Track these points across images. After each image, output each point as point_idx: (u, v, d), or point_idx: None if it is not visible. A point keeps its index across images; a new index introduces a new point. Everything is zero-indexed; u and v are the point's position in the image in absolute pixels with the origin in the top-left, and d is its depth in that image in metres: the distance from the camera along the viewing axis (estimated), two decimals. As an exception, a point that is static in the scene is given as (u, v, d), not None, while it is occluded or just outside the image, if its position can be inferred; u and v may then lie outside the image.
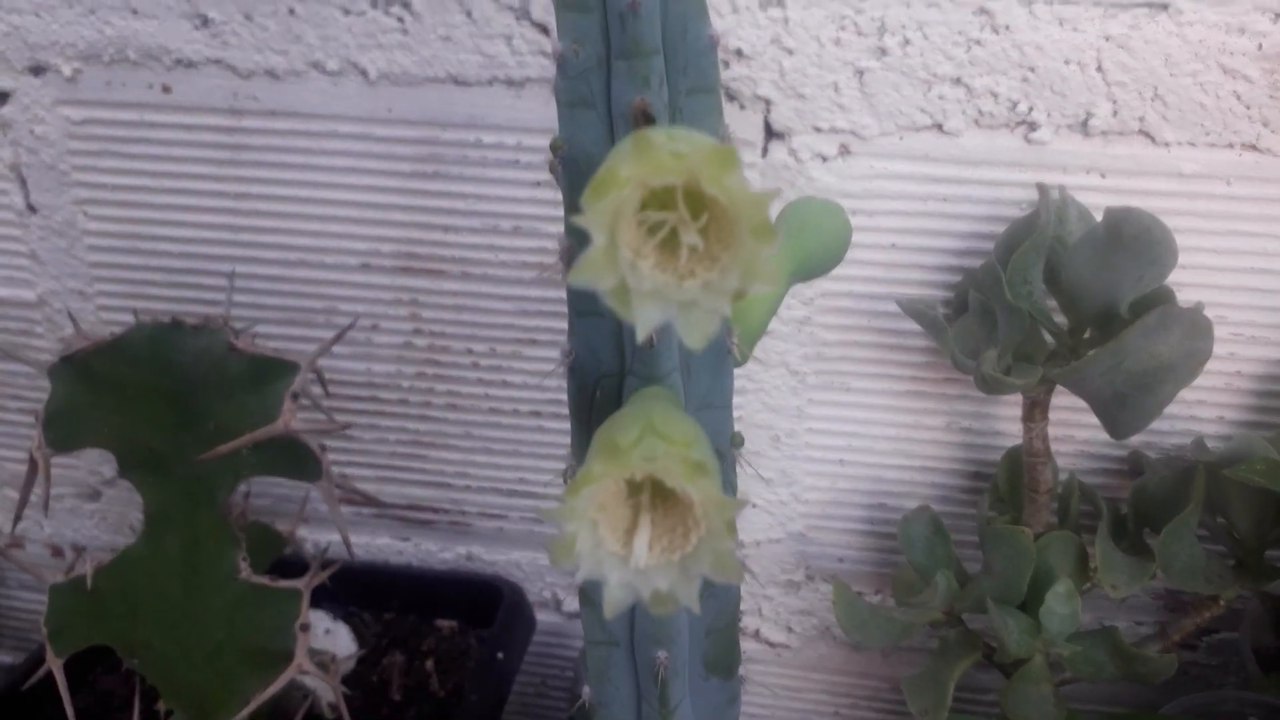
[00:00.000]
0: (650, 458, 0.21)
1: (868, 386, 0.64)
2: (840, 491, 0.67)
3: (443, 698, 0.68)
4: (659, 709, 0.36)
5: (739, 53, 0.56)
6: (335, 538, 0.71)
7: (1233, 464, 0.49)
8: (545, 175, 0.61)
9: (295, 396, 0.49)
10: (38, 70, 0.64)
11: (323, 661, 0.54)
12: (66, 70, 0.64)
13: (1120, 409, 0.48)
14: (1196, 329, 0.45)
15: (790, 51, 0.55)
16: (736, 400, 0.65)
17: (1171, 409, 0.59)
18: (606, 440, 0.22)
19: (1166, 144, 0.54)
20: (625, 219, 0.19)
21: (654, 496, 0.22)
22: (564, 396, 0.67)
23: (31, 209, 0.69)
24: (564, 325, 0.65)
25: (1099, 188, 0.55)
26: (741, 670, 0.38)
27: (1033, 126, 0.55)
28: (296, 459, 0.51)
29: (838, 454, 0.66)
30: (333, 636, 0.70)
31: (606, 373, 0.31)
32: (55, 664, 0.54)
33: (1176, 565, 0.52)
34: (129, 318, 0.70)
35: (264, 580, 0.53)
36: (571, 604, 0.75)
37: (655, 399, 0.26)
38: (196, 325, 0.52)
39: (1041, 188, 0.51)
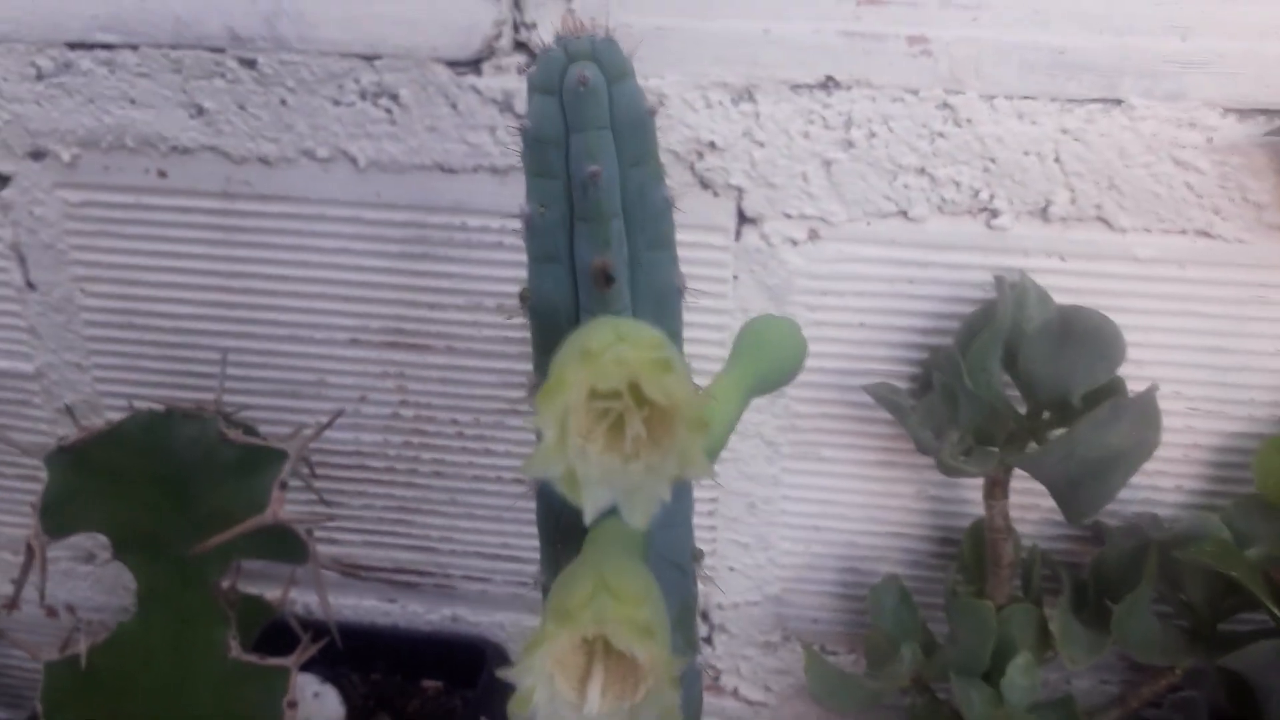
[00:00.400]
0: (600, 620, 0.23)
1: (840, 456, 0.66)
2: (815, 555, 0.69)
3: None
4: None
5: (712, 145, 0.58)
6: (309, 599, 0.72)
7: (1185, 543, 0.51)
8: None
9: (284, 485, 0.51)
10: (38, 155, 0.67)
11: (311, 738, 0.56)
12: (65, 156, 0.66)
13: (1074, 494, 0.50)
14: (1145, 419, 0.47)
15: (761, 144, 0.58)
16: (715, 469, 0.67)
17: (1132, 478, 0.62)
18: (560, 598, 0.24)
19: (1123, 229, 0.56)
20: (575, 410, 0.21)
21: (607, 644, 0.24)
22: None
23: (30, 286, 0.71)
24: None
25: (1059, 270, 0.58)
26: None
27: (994, 213, 0.57)
28: (285, 544, 0.53)
29: (812, 520, 0.68)
30: (321, 700, 0.72)
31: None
32: (51, 740, 0.56)
33: (1132, 638, 0.54)
34: (126, 389, 0.72)
35: (253, 659, 0.55)
36: (557, 663, 0.77)
37: (611, 542, 0.28)
38: (189, 413, 0.54)
39: (999, 280, 0.53)
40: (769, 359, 0.37)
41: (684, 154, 0.59)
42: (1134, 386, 0.58)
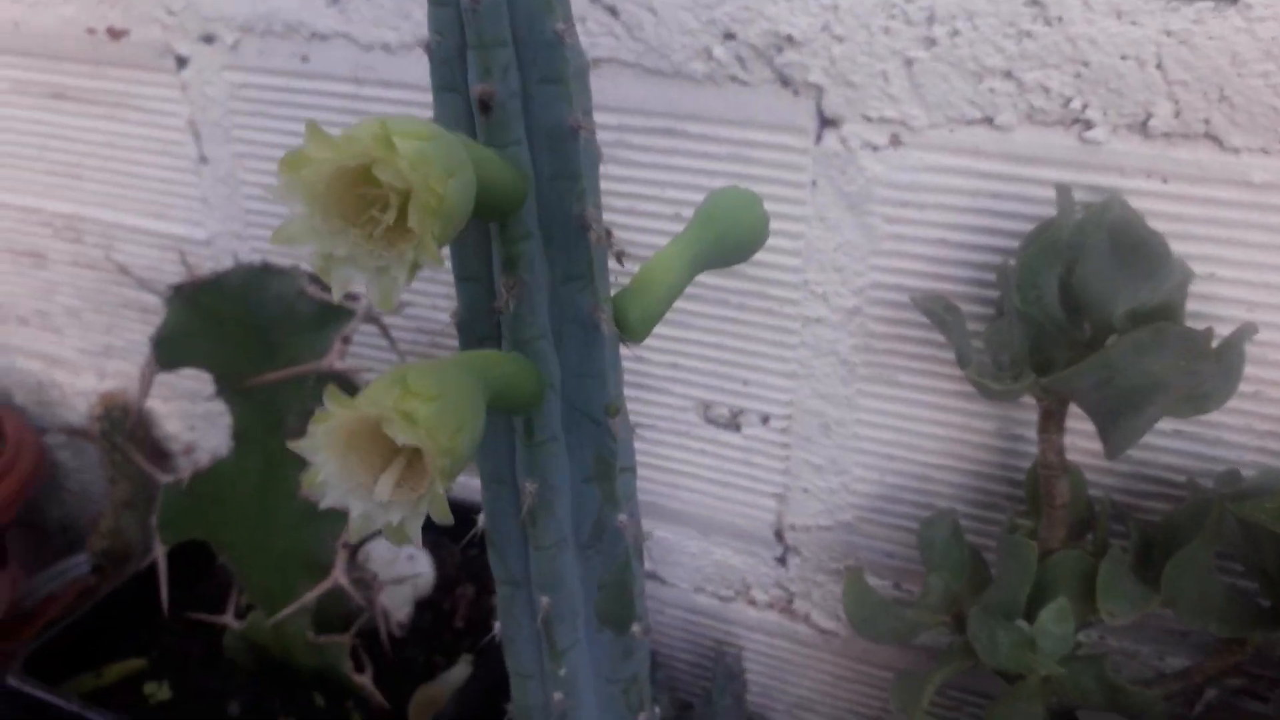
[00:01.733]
0: (374, 405, 0.25)
1: (916, 382, 0.63)
2: (889, 486, 0.67)
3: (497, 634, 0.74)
4: (548, 651, 0.39)
5: (790, 39, 0.57)
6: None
7: (1253, 498, 0.46)
8: (619, 151, 0.64)
9: (346, 340, 0.55)
10: (208, 39, 0.74)
11: (362, 579, 0.61)
12: (229, 39, 0.73)
13: (1114, 425, 0.46)
14: (1194, 351, 0.42)
15: (840, 39, 0.56)
16: (788, 385, 0.66)
17: (1239, 437, 0.56)
18: (364, 391, 0.26)
19: (1235, 149, 0.50)
20: (331, 190, 0.23)
21: (412, 451, 0.26)
22: (629, 364, 0.71)
23: (203, 160, 0.80)
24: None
25: (1159, 193, 0.52)
26: (638, 628, 0.40)
27: (1087, 125, 0.52)
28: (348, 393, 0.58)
29: (886, 448, 0.66)
30: (414, 562, 0.77)
31: (484, 336, 0.34)
32: (160, 550, 0.64)
33: (1184, 600, 0.49)
34: (276, 260, 0.80)
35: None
36: (636, 563, 0.79)
37: (461, 359, 0.29)
38: (280, 270, 0.60)
39: (1060, 188, 0.49)
40: (720, 228, 0.37)
41: (763, 48, 0.58)
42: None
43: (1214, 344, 0.43)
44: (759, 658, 0.78)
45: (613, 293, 0.36)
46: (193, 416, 0.92)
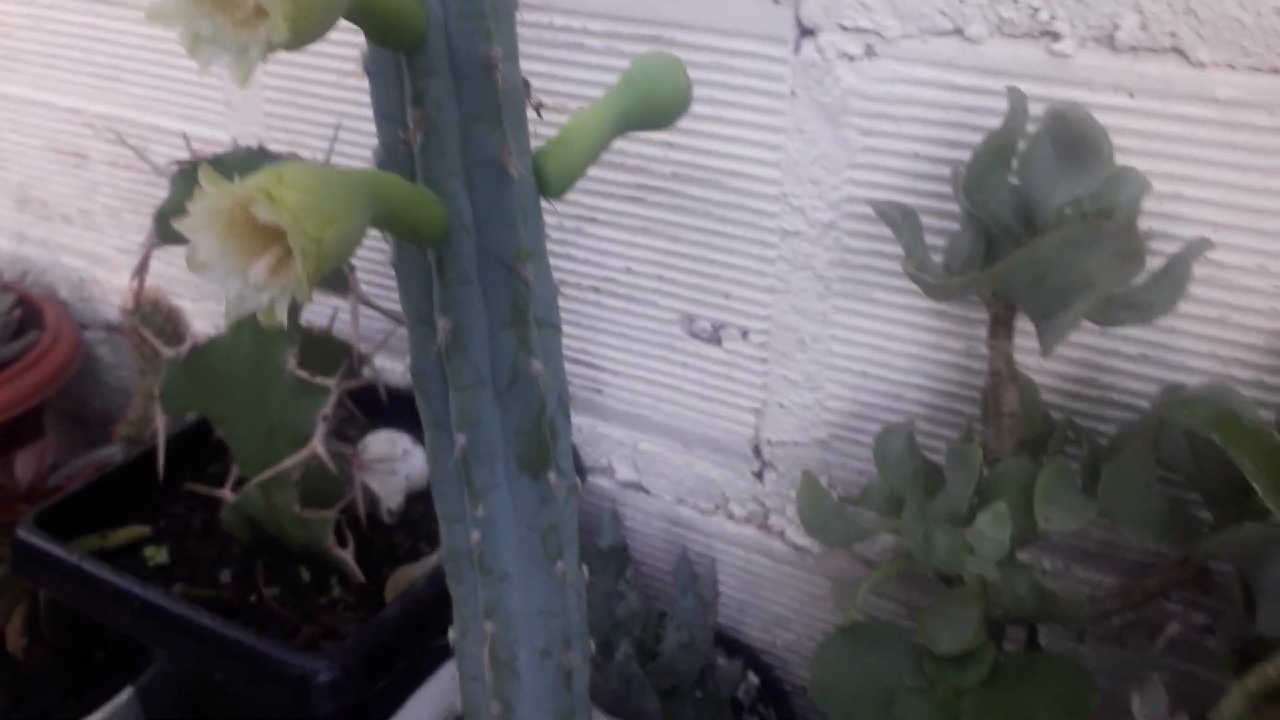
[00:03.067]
0: (244, 188, 0.27)
1: (891, 300, 0.64)
2: (862, 405, 0.68)
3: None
4: (468, 491, 0.42)
5: (773, -53, 0.58)
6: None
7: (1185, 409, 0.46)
8: (609, 59, 0.66)
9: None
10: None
11: (341, 454, 0.64)
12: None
13: (1046, 324, 0.46)
14: (1127, 250, 0.43)
15: (821, -52, 0.56)
16: (767, 300, 0.68)
17: (1204, 363, 0.56)
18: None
19: (1201, 64, 0.50)
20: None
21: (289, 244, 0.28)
22: (620, 276, 0.73)
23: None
24: (620, 207, 0.70)
25: (1127, 108, 0.52)
26: (554, 477, 0.42)
27: (1055, 37, 0.52)
28: (331, 275, 0.61)
29: (860, 365, 0.67)
30: (408, 457, 0.81)
31: (404, 174, 0.36)
32: (161, 419, 0.68)
33: (1121, 512, 0.49)
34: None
35: (304, 375, 0.64)
36: (623, 472, 0.81)
37: (355, 171, 0.31)
38: (278, 155, 0.63)
39: (1012, 91, 0.49)
40: (642, 90, 0.38)
41: (746, -43, 0.58)
42: (1214, 255, 0.52)
43: (1162, 249, 0.43)
44: (736, 573, 0.80)
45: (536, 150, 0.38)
46: (218, 316, 0.97)
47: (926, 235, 0.57)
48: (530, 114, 0.37)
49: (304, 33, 0.26)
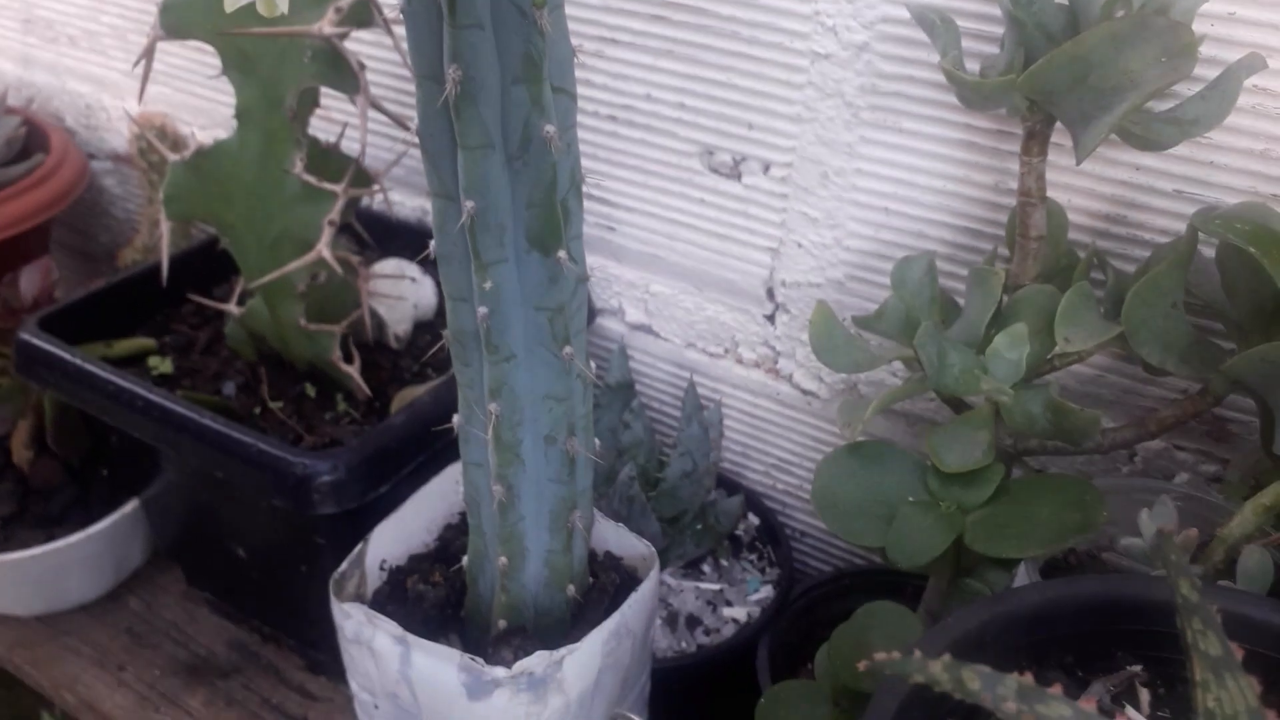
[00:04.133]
0: None
1: (920, 129, 0.62)
2: (882, 243, 0.66)
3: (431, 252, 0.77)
4: (475, 264, 0.41)
5: None
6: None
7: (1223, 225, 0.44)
8: None
9: (339, 10, 0.56)
10: None
11: (347, 261, 0.63)
12: None
13: (1083, 131, 0.44)
14: (1176, 45, 0.40)
15: None
16: (792, 129, 0.66)
17: (1244, 199, 0.54)
18: None
19: None
20: None
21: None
22: (640, 104, 0.70)
23: None
24: (643, 27, 0.67)
25: (1188, -85, 0.49)
26: (564, 255, 0.40)
27: None
28: (340, 72, 0.58)
29: (883, 200, 0.65)
30: (418, 285, 0.80)
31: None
32: (165, 225, 0.67)
33: (1144, 332, 0.48)
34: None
35: (310, 179, 0.62)
36: (633, 315, 0.80)
37: None
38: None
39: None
40: None
41: None
42: (1263, 82, 0.49)
43: (1197, 79, 0.41)
44: (741, 417, 0.79)
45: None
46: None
47: (964, 60, 0.54)
48: None
49: None
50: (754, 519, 0.79)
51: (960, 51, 0.49)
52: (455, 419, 0.47)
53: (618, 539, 0.55)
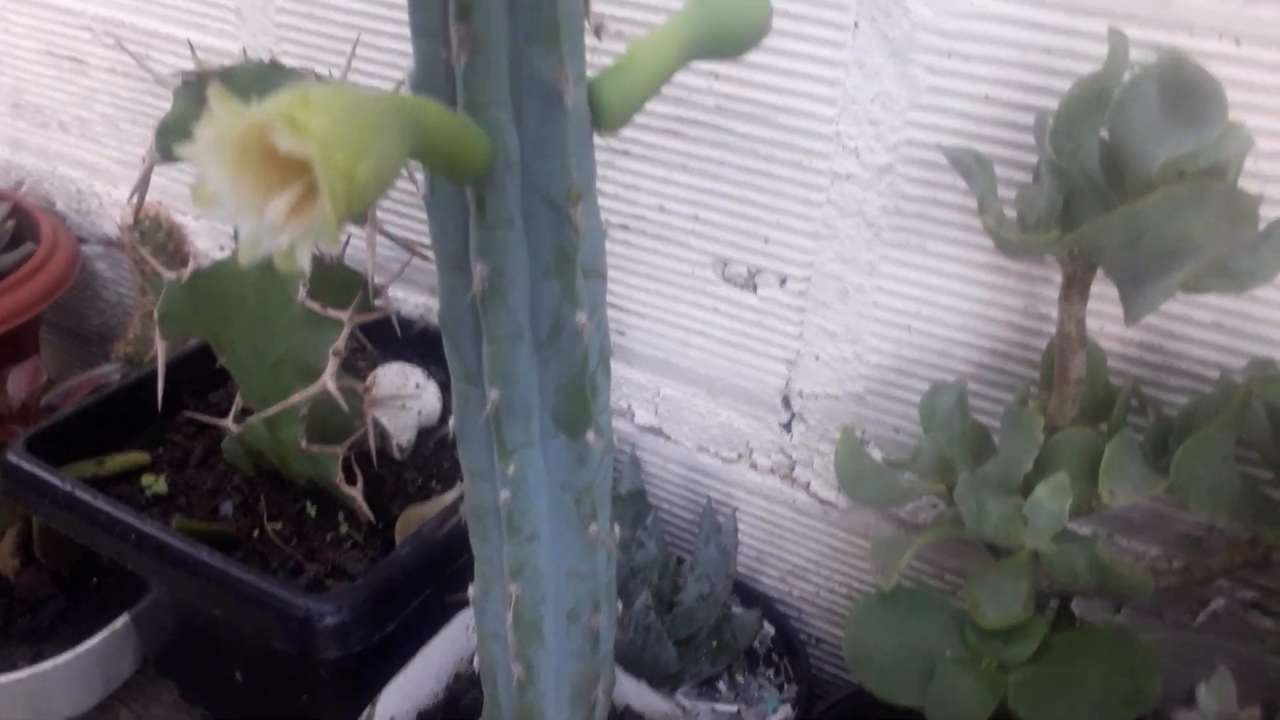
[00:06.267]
0: (263, 111, 0.23)
1: (945, 251, 0.60)
2: (904, 359, 0.64)
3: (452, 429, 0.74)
4: (498, 448, 0.38)
5: None
6: (432, 302, 0.77)
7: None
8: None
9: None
10: None
11: (352, 389, 0.61)
12: None
13: (1136, 290, 0.42)
14: (1236, 213, 0.39)
15: None
16: (810, 245, 0.64)
17: (1281, 334, 0.52)
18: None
19: (1320, 9, 0.45)
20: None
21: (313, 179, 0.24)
22: (652, 214, 0.68)
23: (240, -34, 0.77)
24: (657, 140, 0.65)
25: (1229, 56, 0.48)
26: (593, 436, 0.38)
27: (1157, -29, 0.48)
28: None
29: (906, 319, 0.63)
30: (422, 391, 0.77)
31: (443, 99, 0.32)
32: (160, 345, 0.64)
33: (1194, 487, 0.46)
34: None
35: (315, 307, 0.60)
36: (643, 417, 0.78)
37: (389, 96, 0.27)
38: (291, 70, 0.58)
39: (1114, 33, 0.44)
40: (717, 10, 0.34)
41: None
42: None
43: (1262, 213, 0.39)
44: (756, 522, 0.77)
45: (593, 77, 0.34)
46: (223, 235, 0.92)
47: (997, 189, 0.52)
48: (588, 36, 0.33)
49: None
50: (769, 628, 0.76)
51: (999, 201, 0.47)
52: (471, 590, 0.45)
53: (639, 696, 0.52)
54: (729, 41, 0.35)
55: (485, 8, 0.29)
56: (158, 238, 0.91)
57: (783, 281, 0.66)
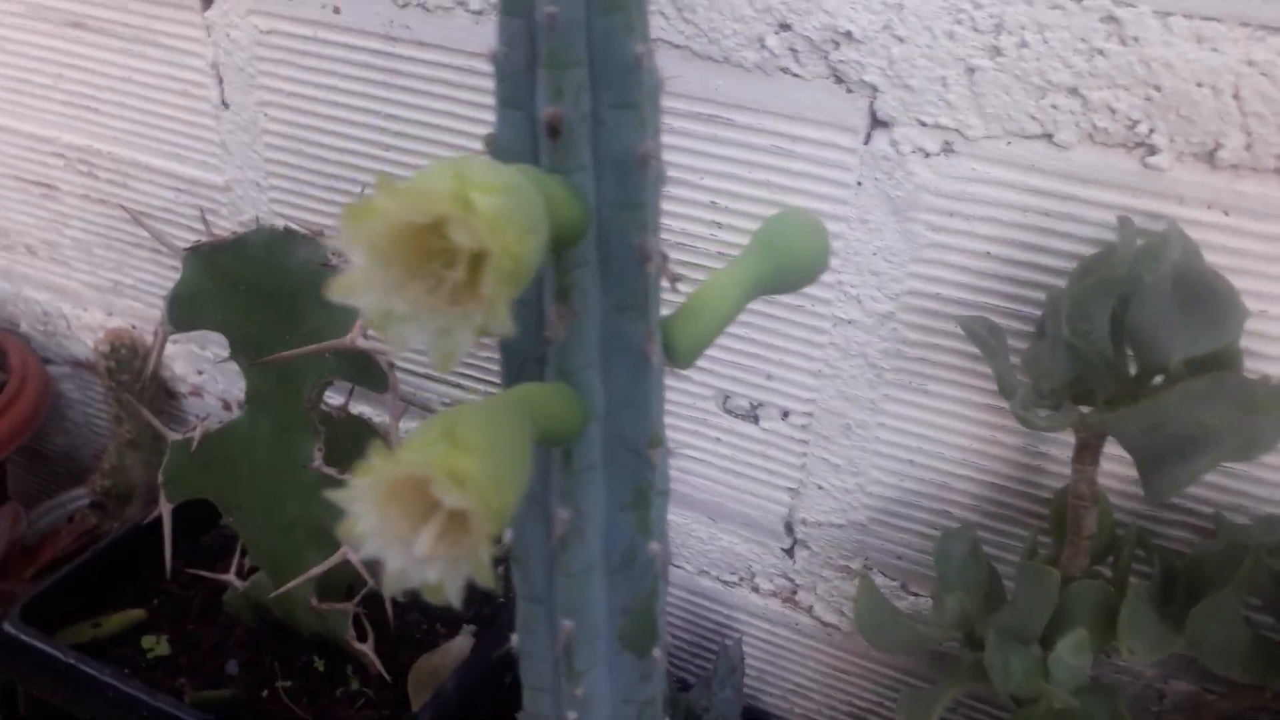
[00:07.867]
0: (423, 463, 0.23)
1: (946, 392, 0.62)
2: (906, 491, 0.66)
3: (502, 602, 0.74)
4: (566, 671, 0.39)
5: (849, 35, 0.54)
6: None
7: (1287, 553, 0.45)
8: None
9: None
10: (236, -20, 0.72)
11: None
12: (261, -17, 0.71)
13: (1157, 470, 0.45)
14: (1250, 403, 0.41)
15: (901, 40, 0.53)
16: (812, 383, 0.65)
17: (1275, 475, 0.55)
18: (410, 438, 0.24)
19: (1304, 190, 0.48)
20: (395, 242, 0.21)
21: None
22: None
23: (225, 105, 0.77)
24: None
25: (1219, 225, 0.51)
26: (658, 651, 0.39)
27: (1152, 150, 0.50)
28: (368, 371, 0.56)
29: (908, 454, 0.65)
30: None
31: (530, 357, 0.33)
32: (166, 508, 0.63)
33: (1208, 645, 0.48)
34: (294, 211, 0.78)
35: (333, 472, 0.59)
36: (642, 543, 0.78)
37: (506, 399, 0.28)
38: (305, 236, 0.58)
39: (1122, 220, 0.47)
40: (781, 257, 0.35)
41: (819, 42, 0.55)
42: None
43: (1270, 390, 0.41)
44: (758, 643, 0.78)
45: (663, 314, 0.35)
46: (201, 360, 0.91)
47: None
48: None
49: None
50: (775, 748, 0.77)
51: (1010, 368, 0.49)
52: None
53: None
54: (791, 283, 0.36)
55: (582, 289, 0.30)
56: (134, 365, 0.89)
57: (785, 415, 0.68)
